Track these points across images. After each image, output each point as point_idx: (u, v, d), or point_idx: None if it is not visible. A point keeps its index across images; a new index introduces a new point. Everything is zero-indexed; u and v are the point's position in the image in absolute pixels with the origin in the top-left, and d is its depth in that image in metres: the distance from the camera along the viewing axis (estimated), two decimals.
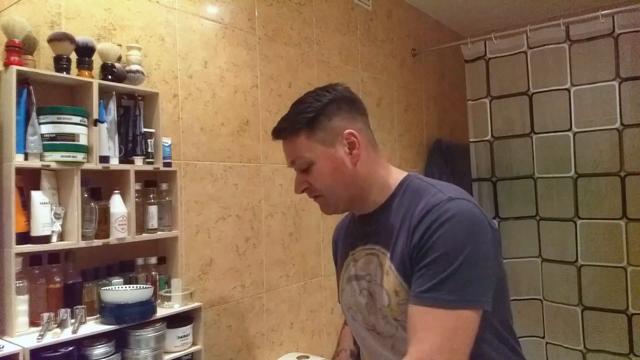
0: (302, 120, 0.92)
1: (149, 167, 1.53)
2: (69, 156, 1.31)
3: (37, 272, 1.30)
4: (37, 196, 1.28)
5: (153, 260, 1.55)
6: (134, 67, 1.51)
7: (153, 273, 1.54)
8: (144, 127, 1.53)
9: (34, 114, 1.28)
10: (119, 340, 1.36)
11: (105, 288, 1.39)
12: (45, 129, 1.30)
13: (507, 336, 0.92)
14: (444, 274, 0.78)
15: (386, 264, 0.90)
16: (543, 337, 2.75)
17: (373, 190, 0.95)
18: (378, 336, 0.94)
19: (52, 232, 1.30)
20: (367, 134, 0.96)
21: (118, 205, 1.42)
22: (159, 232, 1.54)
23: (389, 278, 0.88)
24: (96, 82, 1.38)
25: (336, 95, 0.94)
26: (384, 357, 0.95)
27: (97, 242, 1.36)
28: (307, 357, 2.04)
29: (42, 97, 1.32)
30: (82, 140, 1.34)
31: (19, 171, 1.26)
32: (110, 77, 1.44)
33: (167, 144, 1.59)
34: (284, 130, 0.93)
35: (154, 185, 1.56)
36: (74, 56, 1.39)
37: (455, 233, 0.80)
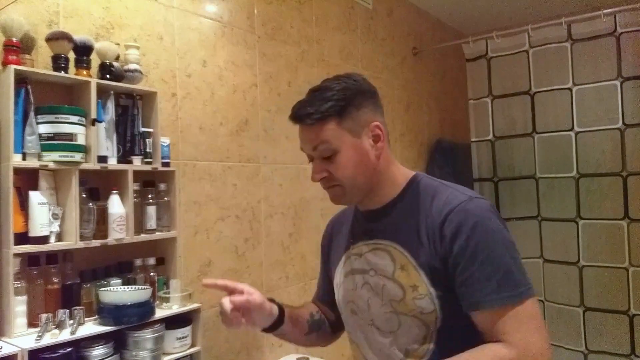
0: (332, 107, 0.89)
1: (148, 167, 1.52)
2: (67, 156, 1.30)
3: (35, 272, 1.29)
4: (35, 196, 1.27)
5: (151, 260, 1.54)
6: (132, 66, 1.50)
7: (151, 274, 1.53)
8: (142, 127, 1.52)
9: (31, 114, 1.27)
10: (118, 341, 1.36)
11: (103, 289, 1.38)
12: (43, 129, 1.29)
13: None
14: (501, 273, 0.82)
15: (401, 259, 0.90)
16: None
17: (385, 185, 0.95)
18: (377, 331, 0.94)
19: (50, 232, 1.29)
20: (386, 129, 0.97)
21: (116, 206, 1.41)
22: (157, 233, 1.53)
23: (405, 273, 0.88)
24: (94, 82, 1.37)
25: (362, 86, 0.94)
26: (382, 352, 0.94)
27: (96, 243, 1.36)
28: (307, 358, 2.03)
29: (40, 97, 1.31)
30: (80, 140, 1.33)
31: (17, 171, 1.25)
32: (108, 76, 1.44)
33: (165, 144, 1.58)
34: (311, 115, 0.90)
35: (153, 186, 1.55)
36: (72, 55, 1.38)
37: (491, 232, 0.84)
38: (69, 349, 1.23)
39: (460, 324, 0.86)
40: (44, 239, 1.27)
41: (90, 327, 1.31)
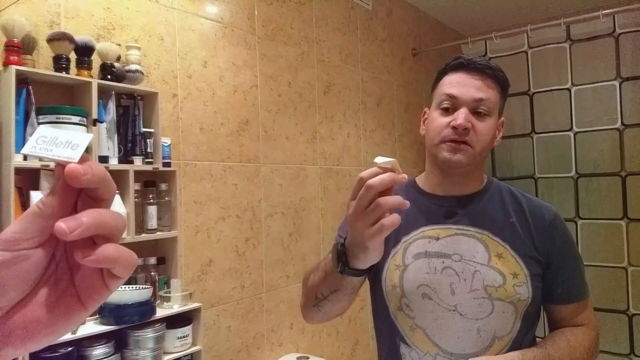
0: (502, 78, 0.96)
1: (148, 167, 1.52)
2: None
3: None
4: (36, 196, 1.27)
5: (152, 260, 1.55)
6: (133, 67, 1.51)
7: (152, 273, 1.54)
8: (143, 127, 1.52)
9: (33, 114, 1.28)
10: (119, 341, 1.36)
11: None
12: None
13: None
14: (584, 272, 0.99)
15: (496, 247, 0.94)
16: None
17: (477, 176, 1.01)
18: (460, 317, 0.92)
19: None
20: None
21: (117, 206, 1.41)
22: (158, 233, 1.54)
23: (504, 261, 0.93)
24: (95, 82, 1.38)
25: None
26: (462, 339, 0.91)
27: None
28: (307, 357, 2.04)
29: (41, 97, 1.32)
30: None
31: (18, 171, 1.25)
32: (109, 76, 1.44)
33: (166, 144, 1.59)
34: (492, 70, 0.94)
35: (153, 186, 1.56)
36: (73, 56, 1.39)
37: (573, 239, 1.01)
38: (70, 348, 1.23)
39: (535, 311, 0.96)
40: None
41: (91, 327, 1.32)
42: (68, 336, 1.23)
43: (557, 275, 0.95)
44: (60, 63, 1.35)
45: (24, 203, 1.27)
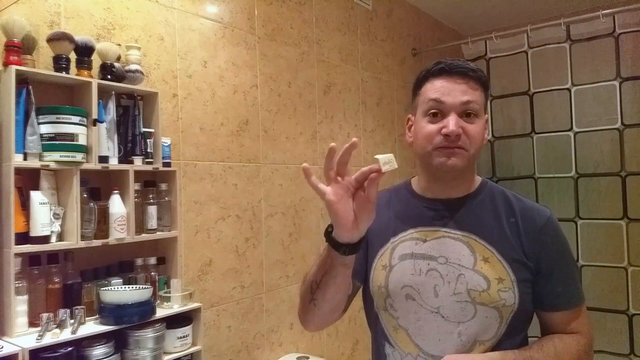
0: (484, 79, 0.96)
1: (148, 167, 1.52)
2: (68, 156, 1.31)
3: (36, 272, 1.30)
4: (36, 196, 1.28)
5: (152, 260, 1.55)
6: (133, 67, 1.51)
7: (152, 273, 1.54)
8: (143, 127, 1.52)
9: (33, 114, 1.28)
10: (119, 341, 1.36)
11: (104, 288, 1.39)
12: (45, 129, 1.29)
13: None
14: (578, 277, 0.99)
15: (483, 251, 0.93)
16: None
17: (468, 177, 0.99)
18: (442, 320, 0.92)
19: (52, 232, 1.29)
20: None
21: (117, 206, 1.42)
22: (158, 233, 1.54)
23: (489, 265, 0.92)
24: (95, 82, 1.38)
25: None
26: (443, 341, 0.92)
27: (97, 243, 1.36)
28: (307, 357, 2.04)
29: (41, 97, 1.32)
30: (82, 140, 1.34)
31: (18, 171, 1.26)
32: (109, 76, 1.44)
33: (166, 144, 1.59)
34: (474, 71, 0.94)
35: (153, 186, 1.56)
36: (73, 56, 1.39)
37: (567, 244, 0.98)
38: (70, 349, 1.23)
39: (524, 317, 0.94)
40: (45, 239, 1.28)
41: (91, 327, 1.32)
42: (68, 336, 1.23)
43: (548, 282, 0.93)
44: (60, 63, 1.35)
45: (24, 203, 1.27)
